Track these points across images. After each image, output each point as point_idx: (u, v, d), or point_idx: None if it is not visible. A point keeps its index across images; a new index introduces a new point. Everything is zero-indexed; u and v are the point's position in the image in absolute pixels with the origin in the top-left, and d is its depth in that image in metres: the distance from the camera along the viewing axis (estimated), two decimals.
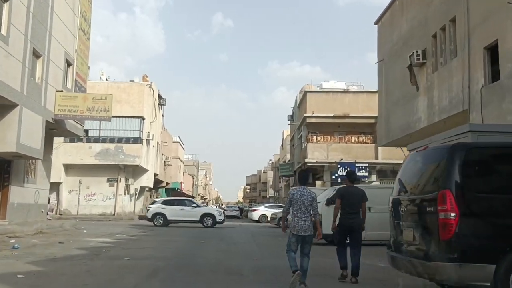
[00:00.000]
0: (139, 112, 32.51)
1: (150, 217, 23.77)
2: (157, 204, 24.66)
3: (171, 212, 23.58)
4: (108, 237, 15.37)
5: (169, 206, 24.02)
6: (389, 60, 19.46)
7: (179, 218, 23.64)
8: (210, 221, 23.58)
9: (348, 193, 8.03)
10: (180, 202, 25.13)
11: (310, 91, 32.57)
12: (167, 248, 12.23)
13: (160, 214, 23.52)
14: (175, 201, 25.30)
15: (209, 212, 24.57)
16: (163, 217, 23.47)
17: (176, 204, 24.41)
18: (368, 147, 31.38)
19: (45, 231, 15.90)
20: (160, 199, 26.50)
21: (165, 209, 23.67)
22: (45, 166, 18.89)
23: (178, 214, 23.64)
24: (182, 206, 24.16)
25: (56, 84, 17.06)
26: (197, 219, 23.59)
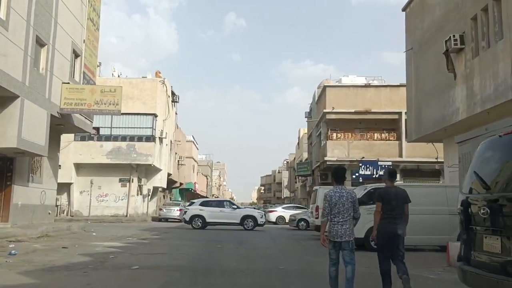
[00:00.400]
0: (151, 109, 31.37)
1: (188, 219, 22.68)
2: (195, 205, 23.49)
3: (210, 214, 22.54)
4: (118, 240, 14.18)
5: (207, 207, 22.92)
6: (420, 48, 17.96)
7: (219, 220, 22.64)
8: (251, 223, 22.51)
9: (389, 195, 6.71)
10: (219, 203, 24.07)
11: (329, 86, 31.12)
12: (181, 254, 10.95)
13: (199, 216, 22.47)
14: (213, 202, 24.28)
15: (250, 214, 23.40)
16: (202, 219, 22.42)
17: (214, 206, 23.36)
18: (392, 144, 29.83)
19: (51, 234, 14.77)
20: (198, 200, 25.38)
21: (204, 211, 22.59)
22: (52, 165, 17.79)
23: (217, 216, 22.60)
24: (221, 207, 23.10)
25: (62, 75, 15.93)
26: (237, 221, 22.55)
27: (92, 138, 30.80)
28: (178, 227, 24.60)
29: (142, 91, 31.55)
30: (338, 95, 30.53)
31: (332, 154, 29.66)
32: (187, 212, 23.17)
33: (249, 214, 23.16)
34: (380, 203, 6.75)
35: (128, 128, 31.20)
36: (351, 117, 30.20)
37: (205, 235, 18.50)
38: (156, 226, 24.14)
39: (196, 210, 22.76)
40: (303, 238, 17.66)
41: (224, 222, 22.78)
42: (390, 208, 6.64)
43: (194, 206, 23.39)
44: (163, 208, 32.44)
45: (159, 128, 32.40)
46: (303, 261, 10.49)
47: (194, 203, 24.10)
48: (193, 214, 22.61)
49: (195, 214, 22.58)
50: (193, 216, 22.58)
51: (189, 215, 22.72)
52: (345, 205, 6.03)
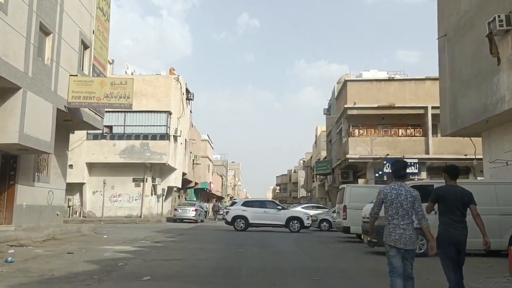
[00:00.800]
0: (165, 107, 30.28)
1: (230, 220, 21.63)
2: (237, 205, 22.39)
3: (253, 215, 21.44)
4: (130, 244, 13.03)
5: (250, 208, 21.77)
6: (455, 34, 16.47)
7: (262, 221, 21.51)
8: (297, 225, 21.37)
9: (450, 194, 5.46)
10: (262, 203, 22.74)
11: (350, 80, 29.66)
12: (198, 260, 9.73)
13: (241, 217, 21.42)
14: (256, 203, 22.94)
15: (296, 215, 22.18)
16: (244, 221, 21.36)
17: (258, 206, 22.13)
18: (417, 140, 28.26)
19: (58, 237, 13.69)
20: (240, 200, 24.36)
21: (246, 212, 21.50)
22: (60, 163, 16.75)
23: (261, 217, 21.47)
24: (264, 208, 21.88)
25: (70, 67, 14.86)
26: (282, 223, 21.39)
27: (105, 136, 29.85)
28: (194, 228, 23.47)
29: (156, 88, 30.50)
30: (359, 89, 29.07)
31: (354, 151, 28.21)
32: (228, 212, 22.07)
33: (295, 216, 21.98)
34: (431, 204, 5.57)
35: (142, 126, 30.16)
36: (373, 112, 28.70)
37: (223, 236, 17.31)
38: (171, 227, 23.02)
39: (238, 211, 21.66)
40: (329, 241, 16.34)
41: (268, 224, 21.65)
42: (451, 210, 5.39)
43: (236, 207, 22.27)
44: (178, 209, 31.36)
45: (174, 126, 31.31)
46: (335, 267, 9.18)
47: (236, 203, 23.00)
48: (236, 215, 21.56)
49: (238, 215, 21.53)
50: (236, 217, 21.53)
51: (231, 216, 21.64)
52: (403, 204, 5.05)
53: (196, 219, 30.93)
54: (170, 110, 30.45)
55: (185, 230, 21.49)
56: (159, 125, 30.16)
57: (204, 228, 24.56)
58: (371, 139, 28.40)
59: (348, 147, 28.46)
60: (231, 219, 21.56)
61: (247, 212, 21.50)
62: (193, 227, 24.87)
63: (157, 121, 30.17)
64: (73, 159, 29.23)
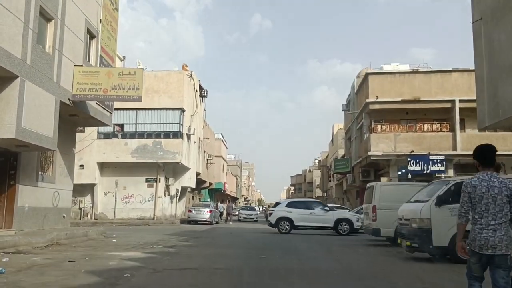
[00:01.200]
0: (178, 103, 29.12)
1: (273, 222, 20.55)
2: (281, 206, 21.15)
3: (298, 217, 20.30)
4: (140, 249, 11.83)
5: (295, 209, 20.62)
6: (493, 16, 14.93)
7: (309, 223, 20.36)
8: (346, 228, 20.22)
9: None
10: (308, 204, 21.50)
11: (372, 73, 28.15)
12: (217, 269, 8.47)
13: (286, 219, 20.32)
14: (301, 204, 21.68)
15: (345, 217, 21.00)
16: (289, 223, 20.26)
17: (303, 207, 20.92)
18: (444, 136, 26.68)
19: (62, 242, 12.55)
20: (284, 201, 22.93)
21: (291, 213, 20.37)
22: (67, 162, 15.63)
23: (307, 219, 20.30)
24: (310, 209, 20.67)
25: (74, 57, 13.73)
26: (330, 225, 20.24)
27: (116, 135, 28.84)
28: (209, 231, 22.27)
29: (168, 84, 29.36)
30: (382, 83, 27.57)
31: (376, 148, 26.73)
32: (272, 214, 20.89)
33: (344, 217, 20.79)
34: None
35: (154, 124, 29.02)
36: (397, 106, 27.19)
37: (241, 240, 16.04)
38: (185, 230, 21.85)
39: (282, 212, 20.50)
40: (357, 244, 14.95)
41: (315, 226, 20.49)
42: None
43: (280, 208, 21.03)
44: (192, 210, 30.19)
45: (187, 124, 30.15)
46: (375, 277, 7.82)
47: (280, 204, 21.71)
48: (280, 217, 20.43)
49: (282, 217, 20.39)
50: (280, 219, 20.40)
51: (275, 218, 20.51)
52: (497, 200, 3.96)
53: (211, 220, 29.74)
54: (183, 107, 29.29)
55: (200, 232, 20.30)
56: (172, 123, 28.99)
57: (220, 230, 23.32)
58: (394, 135, 26.89)
59: (370, 144, 26.99)
60: (275, 221, 20.44)
61: (292, 213, 20.34)
62: (208, 229, 23.69)
63: (170, 119, 29.03)
64: (83, 159, 28.31)
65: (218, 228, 25.19)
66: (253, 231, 22.46)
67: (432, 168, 25.74)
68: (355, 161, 33.13)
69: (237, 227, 27.69)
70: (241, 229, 24.17)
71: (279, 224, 20.33)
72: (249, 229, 24.44)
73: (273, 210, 21.37)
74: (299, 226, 20.34)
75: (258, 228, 26.87)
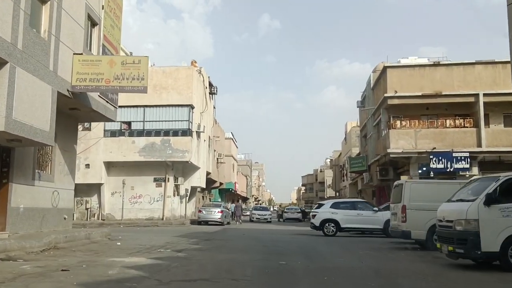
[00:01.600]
0: (187, 100, 27.96)
1: (318, 224, 19.35)
2: (325, 207, 19.97)
3: (344, 218, 19.13)
4: (146, 254, 10.66)
5: (341, 210, 19.46)
6: None
7: (356, 225, 19.18)
8: None
9: None
10: (354, 205, 20.17)
11: (390, 66, 26.73)
12: (233, 281, 7.25)
13: (331, 221, 19.15)
14: (347, 204, 20.41)
15: None
16: (335, 224, 19.08)
17: (349, 208, 19.70)
18: (468, 132, 25.20)
19: (61, 246, 11.42)
20: (328, 202, 21.58)
21: (337, 214, 19.20)
22: (68, 159, 14.52)
23: (354, 220, 19.10)
24: (357, 210, 19.44)
25: (74, 45, 12.61)
26: (379, 227, 18.88)
27: (123, 133, 27.79)
28: (221, 232, 21.07)
29: (177, 80, 28.22)
30: (401, 76, 26.16)
31: (396, 145, 25.33)
32: (316, 216, 19.69)
33: None
34: None
35: (162, 121, 27.89)
36: (417, 101, 25.77)
37: (256, 243, 14.81)
38: (195, 231, 20.69)
39: (327, 214, 19.33)
40: (383, 248, 13.63)
41: (363, 228, 19.36)
42: None
43: (324, 209, 19.84)
44: (202, 210, 29.01)
45: (196, 121, 29.00)
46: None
47: (324, 205, 20.47)
48: (325, 219, 19.24)
49: (327, 219, 19.21)
50: (325, 220, 19.22)
51: (320, 220, 19.32)
52: None
53: (222, 221, 28.56)
54: (192, 103, 28.14)
55: (211, 234, 19.11)
56: (180, 120, 27.85)
57: (232, 231, 22.12)
58: (415, 131, 25.47)
59: (388, 141, 25.60)
60: (319, 223, 19.25)
61: (338, 215, 19.15)
62: (219, 230, 22.50)
63: (179, 116, 27.89)
64: (89, 158, 27.33)
65: (229, 229, 24.00)
66: (267, 233, 21.24)
67: (455, 166, 24.31)
68: (372, 159, 31.75)
69: (249, 228, 26.47)
70: (254, 231, 22.93)
71: (324, 227, 19.09)
72: (263, 230, 23.22)
73: (316, 211, 20.04)
74: (345, 228, 19.11)
75: (272, 229, 25.66)
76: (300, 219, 41.34)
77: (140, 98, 27.64)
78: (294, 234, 19.93)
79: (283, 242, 15.31)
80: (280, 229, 25.80)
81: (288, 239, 16.92)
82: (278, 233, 21.32)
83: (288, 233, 21.42)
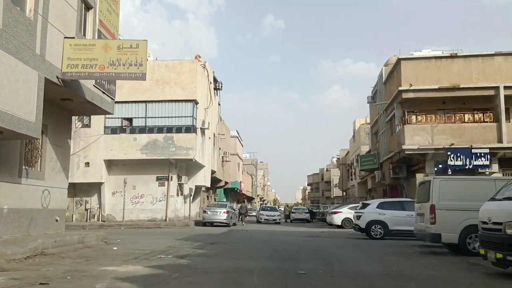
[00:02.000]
0: (191, 95, 26.69)
1: (364, 226, 17.90)
2: (371, 207, 18.37)
3: (393, 220, 17.59)
4: (144, 261, 9.40)
5: (388, 210, 17.89)
6: None
7: (407, 228, 16.94)
8: None
9: None
10: (403, 205, 18.34)
11: (405, 58, 25.35)
12: None
13: (379, 223, 17.59)
14: (395, 204, 18.68)
15: None
16: (383, 227, 17.60)
17: (398, 208, 18.02)
18: (488, 127, 23.83)
19: (50, 252, 10.17)
20: (374, 201, 19.67)
21: (385, 216, 17.71)
22: (61, 155, 13.28)
23: (404, 222, 17.22)
24: (407, 210, 17.47)
25: (65, 28, 11.37)
26: None
27: (124, 130, 26.55)
28: (227, 234, 19.80)
29: (180, 74, 26.95)
30: (416, 69, 24.78)
31: (411, 141, 23.98)
32: (361, 216, 18.18)
33: None
34: None
35: (165, 118, 26.61)
36: (433, 95, 24.40)
37: (266, 246, 13.52)
38: (200, 233, 19.44)
39: (374, 215, 17.80)
40: (409, 252, 12.27)
41: None
42: None
43: (370, 209, 18.24)
44: (207, 210, 27.74)
45: (201, 118, 27.73)
46: None
47: (370, 205, 18.81)
48: (371, 220, 17.72)
49: (374, 220, 17.68)
50: (371, 222, 17.69)
51: (366, 221, 17.82)
52: None
53: (228, 222, 27.29)
54: (196, 99, 26.86)
55: (216, 236, 17.84)
56: (184, 116, 26.56)
57: (238, 233, 20.86)
58: (431, 126, 24.12)
59: (403, 137, 24.25)
60: (365, 225, 17.78)
61: (386, 216, 17.65)
62: (225, 232, 21.26)
63: (182, 112, 26.61)
64: (89, 156, 26.13)
65: (236, 231, 22.73)
66: (276, 234, 19.96)
67: (475, 163, 22.95)
68: (385, 156, 30.39)
69: (256, 229, 25.19)
70: (262, 232, 21.67)
71: (370, 229, 17.63)
72: (271, 232, 21.94)
73: (361, 212, 18.53)
74: (394, 231, 17.51)
75: (280, 230, 24.35)
76: (308, 220, 40.06)
77: (142, 93, 26.53)
78: (306, 236, 18.60)
79: (295, 245, 14.01)
80: (289, 230, 24.50)
81: (299, 242, 15.63)
82: (287, 235, 20.03)
83: (299, 235, 20.12)
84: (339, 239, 17.66)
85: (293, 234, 20.42)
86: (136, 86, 26.43)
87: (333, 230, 25.43)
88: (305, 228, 27.34)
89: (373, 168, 33.14)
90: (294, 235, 19.98)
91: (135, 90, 26.43)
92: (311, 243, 15.10)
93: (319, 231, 23.39)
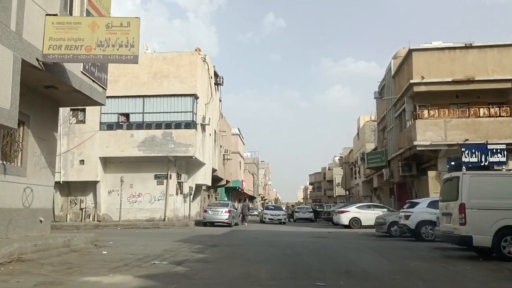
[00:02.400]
0: (191, 89, 25.42)
1: (414, 227, 16.30)
2: (421, 206, 16.65)
3: None
4: (135, 268, 8.13)
5: None
6: None
7: None
8: None
9: None
10: None
11: (416, 49, 24.04)
12: None
13: (430, 223, 15.58)
14: None
15: None
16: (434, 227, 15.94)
17: None
18: (504, 122, 22.60)
19: (28, 257, 8.90)
20: (424, 200, 17.61)
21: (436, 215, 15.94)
22: (46, 149, 12.01)
23: None
24: None
25: (46, 3, 10.09)
26: None
27: (121, 126, 25.32)
28: (229, 235, 18.54)
29: (179, 67, 25.68)
30: (428, 60, 23.51)
31: (423, 137, 22.71)
32: (410, 216, 16.48)
33: None
34: None
35: (164, 113, 25.35)
36: (447, 88, 23.18)
37: (273, 249, 12.25)
38: (200, 234, 18.18)
39: (425, 214, 16.08)
40: (434, 256, 10.97)
41: None
42: None
43: (419, 208, 16.56)
44: (208, 210, 26.49)
45: (201, 113, 26.47)
46: None
47: (419, 204, 17.02)
48: (422, 220, 16.07)
49: (425, 220, 15.99)
50: (422, 222, 16.06)
51: (416, 221, 16.19)
52: None
53: (230, 222, 26.03)
54: (197, 93, 25.59)
55: (218, 238, 16.57)
56: (183, 112, 25.30)
57: (241, 234, 19.60)
58: (444, 121, 22.85)
59: (415, 132, 22.98)
60: (415, 225, 16.19)
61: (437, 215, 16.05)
62: (227, 233, 20.00)
63: (182, 107, 25.34)
64: (84, 154, 24.90)
65: (238, 232, 21.45)
66: (281, 235, 18.68)
67: (490, 159, 21.75)
68: (393, 153, 29.10)
69: (259, 230, 23.93)
70: (266, 233, 20.41)
71: (421, 230, 16.10)
72: (275, 233, 20.66)
73: (411, 212, 16.90)
74: None
75: (285, 230, 23.06)
76: (312, 219, 38.86)
77: (139, 87, 25.28)
78: (314, 237, 17.34)
79: (304, 248, 12.74)
80: (294, 230, 23.23)
81: (308, 243, 14.38)
82: (293, 235, 18.78)
83: (305, 235, 18.88)
84: (350, 240, 16.39)
85: (299, 235, 19.17)
86: (133, 80, 25.23)
87: (340, 230, 24.15)
88: (311, 228, 26.06)
89: (381, 166, 31.84)
90: (301, 235, 18.73)
91: (132, 84, 25.21)
92: (321, 245, 13.82)
93: (326, 232, 22.11)
